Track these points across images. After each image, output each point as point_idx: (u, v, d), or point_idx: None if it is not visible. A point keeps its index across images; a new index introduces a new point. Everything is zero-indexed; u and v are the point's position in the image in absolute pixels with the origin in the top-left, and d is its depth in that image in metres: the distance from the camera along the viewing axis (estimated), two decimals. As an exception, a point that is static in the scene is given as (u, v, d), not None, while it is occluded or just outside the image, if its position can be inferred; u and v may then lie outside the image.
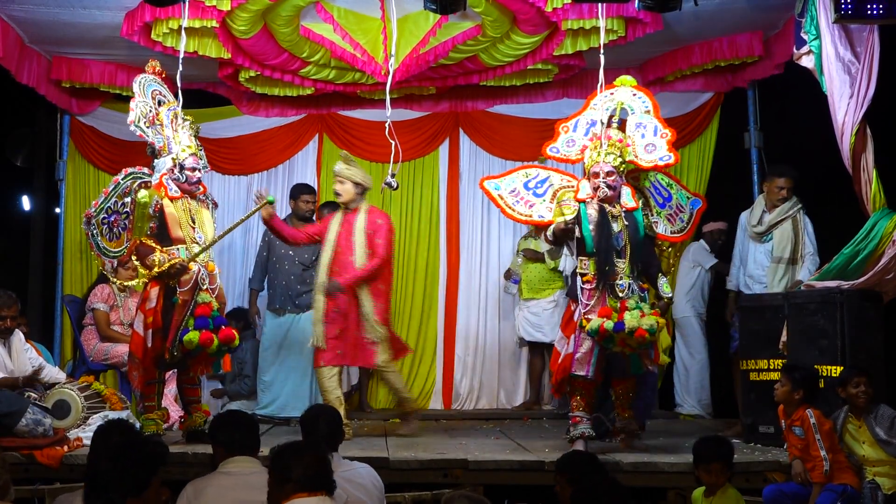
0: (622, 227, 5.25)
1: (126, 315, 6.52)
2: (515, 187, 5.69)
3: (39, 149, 8.63)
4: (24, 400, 5.18)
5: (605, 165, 5.25)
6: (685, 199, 5.68)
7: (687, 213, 5.64)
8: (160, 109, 5.46)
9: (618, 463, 4.93)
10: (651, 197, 5.61)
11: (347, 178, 5.88)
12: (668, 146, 5.29)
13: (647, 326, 4.96)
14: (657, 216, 5.58)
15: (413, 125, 7.79)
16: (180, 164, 5.34)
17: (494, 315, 7.73)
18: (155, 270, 5.21)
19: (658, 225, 5.55)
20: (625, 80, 5.65)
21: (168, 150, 5.38)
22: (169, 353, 5.21)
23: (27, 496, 4.65)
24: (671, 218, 5.60)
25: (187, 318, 5.20)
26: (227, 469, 3.47)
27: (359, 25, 6.45)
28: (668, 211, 5.61)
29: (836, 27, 5.20)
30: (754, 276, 6.10)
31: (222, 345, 5.27)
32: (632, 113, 5.45)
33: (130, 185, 5.31)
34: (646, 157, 5.33)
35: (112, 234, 5.27)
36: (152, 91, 5.49)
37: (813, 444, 4.35)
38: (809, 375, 4.62)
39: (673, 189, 5.68)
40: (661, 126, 5.37)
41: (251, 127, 7.72)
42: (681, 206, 5.65)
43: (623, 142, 5.35)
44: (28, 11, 6.18)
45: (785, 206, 6.09)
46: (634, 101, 5.49)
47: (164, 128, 5.41)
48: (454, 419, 7.15)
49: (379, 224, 5.88)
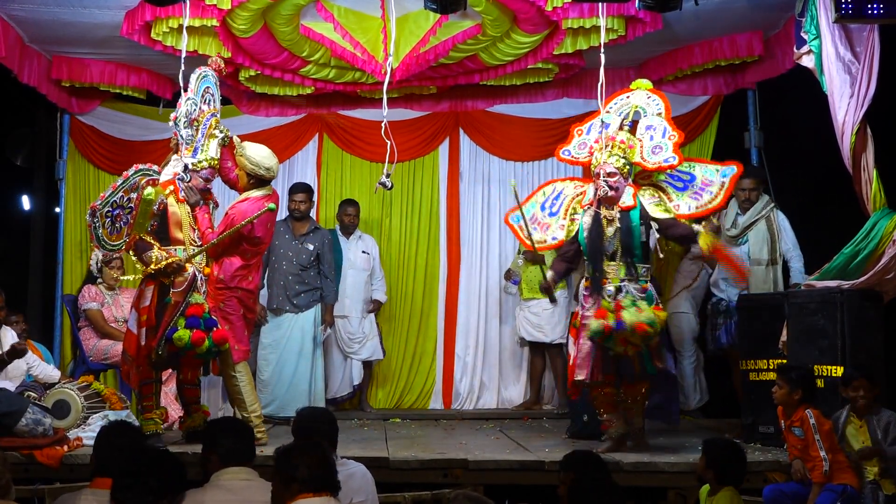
0: (615, 230, 5.28)
1: (118, 311, 6.54)
2: (533, 213, 5.84)
3: (39, 148, 8.62)
4: (24, 400, 5.19)
5: (607, 166, 5.32)
6: (713, 172, 5.54)
7: (717, 182, 5.48)
8: (204, 109, 5.42)
9: (618, 463, 4.93)
10: (669, 186, 5.55)
11: (240, 166, 5.66)
12: (674, 148, 5.33)
13: (647, 320, 4.98)
14: (678, 199, 5.50)
15: (413, 125, 7.79)
16: (193, 170, 5.34)
17: (494, 315, 7.72)
18: (152, 267, 5.21)
19: (679, 207, 5.47)
20: (640, 83, 5.72)
21: (192, 153, 5.35)
22: (155, 353, 5.17)
23: (27, 496, 4.65)
24: (696, 195, 5.49)
25: (177, 318, 5.17)
26: (224, 482, 3.28)
27: (359, 24, 6.45)
28: (691, 191, 5.51)
29: (837, 27, 5.19)
30: (729, 279, 6.11)
31: (214, 345, 5.23)
32: (644, 115, 5.52)
33: (139, 180, 5.26)
34: (652, 159, 5.39)
35: (114, 227, 5.21)
36: (205, 88, 5.46)
37: (812, 444, 4.34)
38: (806, 374, 4.62)
39: (695, 169, 5.57)
40: (670, 128, 5.43)
41: (251, 126, 7.70)
42: (708, 180, 5.51)
43: (627, 143, 5.38)
44: (28, 11, 6.17)
45: (757, 207, 6.13)
46: (649, 103, 5.58)
47: (199, 131, 5.39)
48: (454, 419, 7.15)
49: (227, 213, 5.57)
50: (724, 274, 6.16)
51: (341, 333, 7.23)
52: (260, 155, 5.66)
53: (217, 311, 5.48)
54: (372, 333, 7.32)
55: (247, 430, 3.65)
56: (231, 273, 5.57)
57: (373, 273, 7.38)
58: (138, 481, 2.88)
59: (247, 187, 5.66)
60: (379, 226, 7.77)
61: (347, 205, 7.36)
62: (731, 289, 6.13)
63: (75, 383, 5.58)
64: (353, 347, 7.24)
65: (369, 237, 7.51)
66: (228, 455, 3.36)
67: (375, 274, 7.41)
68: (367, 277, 7.33)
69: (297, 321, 6.85)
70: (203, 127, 5.39)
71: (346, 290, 7.21)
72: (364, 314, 7.29)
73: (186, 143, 5.35)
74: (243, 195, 5.64)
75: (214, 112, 5.50)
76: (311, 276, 6.94)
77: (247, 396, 5.58)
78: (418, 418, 7.14)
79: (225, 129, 5.58)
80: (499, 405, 7.59)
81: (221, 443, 3.41)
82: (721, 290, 6.27)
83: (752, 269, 6.08)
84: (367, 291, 7.33)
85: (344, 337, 7.24)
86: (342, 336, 7.24)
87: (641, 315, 5.00)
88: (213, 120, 5.46)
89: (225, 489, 3.26)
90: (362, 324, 7.27)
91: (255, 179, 5.66)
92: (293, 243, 6.89)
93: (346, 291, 7.21)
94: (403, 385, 7.67)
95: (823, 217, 6.56)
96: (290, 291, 6.85)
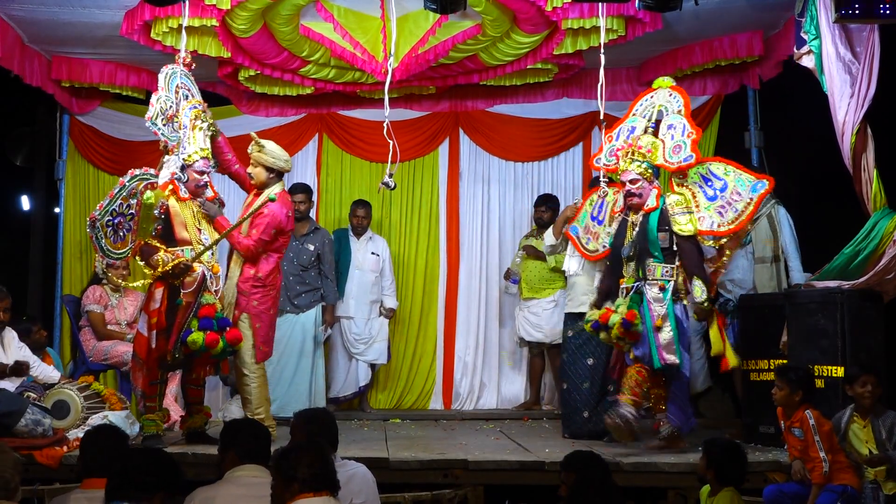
0: (636, 233, 5.37)
1: (122, 314, 6.52)
2: (586, 223, 5.94)
3: (39, 148, 8.61)
4: (24, 400, 5.18)
5: (629, 173, 5.41)
6: (745, 183, 5.39)
7: (745, 199, 5.33)
8: (183, 104, 5.35)
9: (618, 463, 4.92)
10: (700, 191, 5.45)
11: (258, 162, 5.67)
12: (692, 146, 5.34)
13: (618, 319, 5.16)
14: (704, 210, 5.39)
15: (413, 125, 7.78)
16: (187, 165, 5.30)
17: (494, 315, 7.72)
18: (159, 270, 5.18)
19: (704, 220, 5.36)
20: (662, 81, 5.72)
21: (181, 149, 5.30)
22: (171, 355, 5.17)
23: (27, 496, 4.64)
24: (722, 210, 5.36)
25: (190, 320, 5.15)
26: (238, 477, 3.35)
27: (359, 24, 6.45)
28: (719, 203, 5.38)
29: (836, 27, 5.19)
30: (735, 280, 6.12)
31: (228, 345, 5.22)
32: (666, 114, 5.55)
33: (136, 186, 5.20)
34: (673, 159, 5.41)
35: (117, 236, 5.15)
36: (177, 85, 5.37)
37: (812, 445, 4.34)
38: (805, 374, 4.62)
39: (730, 176, 5.45)
40: (689, 125, 5.43)
41: (251, 126, 7.64)
42: (738, 192, 5.37)
43: (646, 147, 5.41)
44: (28, 11, 6.17)
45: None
46: (670, 101, 5.60)
47: (182, 125, 5.31)
48: (454, 419, 7.15)
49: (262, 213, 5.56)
50: (731, 275, 6.16)
51: (347, 334, 7.23)
52: (278, 148, 5.76)
53: (249, 308, 5.54)
54: (380, 336, 7.31)
55: (267, 434, 3.67)
56: (268, 270, 5.61)
57: (382, 275, 7.35)
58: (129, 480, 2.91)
59: (266, 183, 5.68)
60: (378, 226, 7.75)
61: (358, 205, 7.33)
62: (738, 289, 6.11)
63: (75, 384, 5.57)
64: (358, 348, 7.23)
65: (381, 239, 7.48)
66: (246, 454, 3.42)
67: (385, 277, 7.36)
68: (374, 279, 7.28)
69: (297, 321, 6.85)
70: (184, 120, 5.33)
71: (351, 291, 7.19)
72: (370, 315, 7.27)
73: (172, 141, 5.29)
74: (265, 192, 5.61)
75: (195, 105, 5.43)
76: (312, 277, 6.94)
77: (255, 398, 5.58)
78: (418, 419, 7.13)
79: (208, 118, 5.49)
80: (499, 405, 7.59)
81: (240, 442, 3.46)
82: (728, 290, 6.24)
83: (756, 269, 6.08)
84: (374, 293, 7.30)
85: (349, 338, 7.23)
86: (348, 337, 7.23)
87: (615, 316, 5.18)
88: (193, 112, 5.37)
89: (238, 484, 3.31)
90: (369, 325, 7.25)
91: (275, 173, 5.70)
92: (293, 244, 6.87)
93: (351, 292, 7.19)
94: (403, 385, 7.66)
95: (823, 217, 6.55)
96: (291, 292, 6.84)
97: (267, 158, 5.65)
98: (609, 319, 5.24)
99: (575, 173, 7.79)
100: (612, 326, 5.21)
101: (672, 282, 5.29)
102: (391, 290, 7.40)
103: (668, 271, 5.31)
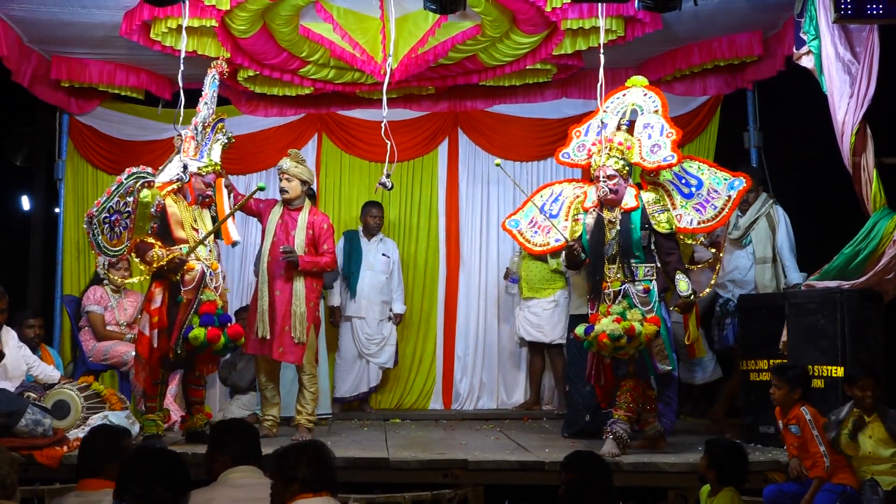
0: (616, 232, 5.28)
1: (121, 315, 6.52)
2: (532, 216, 5.85)
3: (39, 148, 8.60)
4: (24, 400, 5.18)
5: (607, 169, 5.31)
6: (721, 181, 5.44)
7: (723, 196, 5.39)
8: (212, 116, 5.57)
9: (618, 463, 4.92)
10: (674, 189, 5.48)
11: (295, 176, 5.81)
12: (672, 146, 5.30)
13: (610, 332, 5.00)
14: (682, 208, 5.42)
15: (412, 125, 7.79)
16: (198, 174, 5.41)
17: (494, 315, 7.72)
18: (154, 265, 5.23)
19: (682, 218, 5.40)
20: (636, 80, 5.70)
21: (199, 156, 5.45)
22: (173, 352, 5.21)
23: (27, 496, 4.65)
24: (700, 207, 5.41)
25: (191, 317, 5.20)
26: (233, 479, 3.30)
27: (358, 25, 6.45)
28: (696, 200, 5.43)
29: (836, 27, 5.19)
30: (735, 280, 6.11)
31: (230, 341, 5.30)
32: (641, 113, 5.49)
33: (133, 184, 5.28)
34: (650, 158, 5.36)
35: (113, 233, 5.23)
36: (213, 92, 5.61)
37: (811, 440, 4.34)
38: (802, 372, 4.63)
39: (704, 174, 5.49)
40: (667, 126, 5.39)
41: (250, 126, 7.71)
42: (715, 190, 5.42)
43: (624, 144, 5.37)
44: (27, 11, 6.18)
45: (755, 206, 6.13)
46: (645, 101, 5.54)
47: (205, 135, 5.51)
48: (454, 419, 7.15)
49: (324, 228, 5.82)
50: (731, 275, 6.15)
51: (358, 334, 7.23)
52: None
53: (316, 320, 5.79)
54: (392, 339, 7.34)
55: (253, 431, 3.64)
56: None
57: (391, 278, 7.36)
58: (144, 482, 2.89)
59: (300, 196, 5.86)
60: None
61: (371, 206, 7.34)
62: (738, 289, 6.11)
63: (75, 384, 5.57)
64: (370, 349, 7.24)
65: (391, 241, 7.49)
66: (239, 456, 3.39)
67: (394, 279, 7.38)
68: (385, 280, 7.30)
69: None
70: (211, 131, 5.51)
71: (363, 292, 7.19)
72: (381, 316, 7.28)
73: (196, 145, 5.46)
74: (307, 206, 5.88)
75: (222, 118, 5.65)
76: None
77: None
78: (418, 419, 7.14)
79: (228, 133, 5.68)
80: (499, 405, 7.59)
81: (233, 444, 3.42)
82: (728, 290, 6.24)
83: (756, 269, 6.09)
84: (385, 293, 7.31)
85: (361, 338, 7.23)
86: (359, 337, 7.23)
87: (610, 326, 5.03)
88: (221, 125, 5.59)
89: (234, 486, 3.29)
90: (381, 326, 7.27)
91: (308, 186, 5.91)
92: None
93: (363, 292, 7.19)
94: (403, 385, 7.66)
95: (823, 217, 6.55)
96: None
97: (304, 171, 5.86)
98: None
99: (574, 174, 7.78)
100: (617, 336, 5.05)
101: (655, 281, 5.26)
102: (399, 295, 7.42)
103: (649, 271, 5.28)
